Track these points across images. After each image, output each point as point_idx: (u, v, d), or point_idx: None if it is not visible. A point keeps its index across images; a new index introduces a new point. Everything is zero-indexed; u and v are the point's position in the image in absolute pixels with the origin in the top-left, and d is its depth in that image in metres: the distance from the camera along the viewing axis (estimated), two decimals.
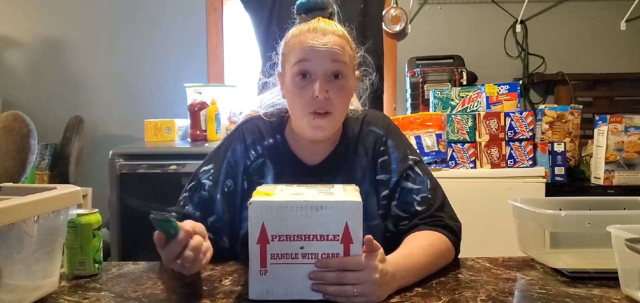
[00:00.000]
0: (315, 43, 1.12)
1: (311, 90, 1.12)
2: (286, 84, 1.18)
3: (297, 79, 1.14)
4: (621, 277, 0.94)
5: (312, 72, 1.13)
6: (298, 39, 1.15)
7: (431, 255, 1.06)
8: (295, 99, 1.15)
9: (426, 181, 1.20)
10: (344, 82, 1.15)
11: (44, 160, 2.93)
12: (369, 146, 1.24)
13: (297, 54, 1.14)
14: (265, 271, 0.91)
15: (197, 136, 2.70)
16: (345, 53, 1.15)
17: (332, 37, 1.14)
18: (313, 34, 1.14)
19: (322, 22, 1.17)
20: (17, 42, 3.20)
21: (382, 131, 1.25)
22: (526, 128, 2.38)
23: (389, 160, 1.21)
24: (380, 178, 1.21)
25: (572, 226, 1.06)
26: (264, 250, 0.90)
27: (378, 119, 1.27)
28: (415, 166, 1.21)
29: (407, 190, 1.18)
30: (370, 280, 0.90)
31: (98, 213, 1.11)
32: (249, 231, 0.90)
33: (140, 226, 2.28)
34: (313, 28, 1.15)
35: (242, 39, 3.29)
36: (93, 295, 0.98)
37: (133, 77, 3.18)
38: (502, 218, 1.42)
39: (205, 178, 1.20)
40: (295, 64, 1.14)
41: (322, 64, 1.12)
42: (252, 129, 1.25)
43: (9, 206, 0.79)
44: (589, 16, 3.15)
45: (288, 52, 1.18)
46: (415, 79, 2.86)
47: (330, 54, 1.12)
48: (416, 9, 3.16)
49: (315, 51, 1.12)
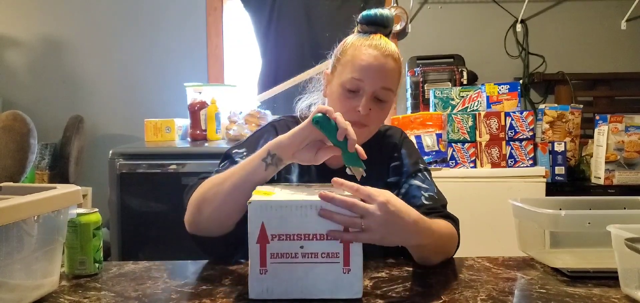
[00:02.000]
0: (373, 63, 1.18)
1: (356, 103, 1.18)
2: (332, 87, 1.24)
3: (346, 89, 1.19)
4: (621, 277, 0.94)
5: (362, 89, 1.18)
6: (358, 51, 1.20)
7: (441, 227, 1.09)
8: (338, 105, 1.19)
9: (433, 186, 1.27)
10: (386, 105, 1.23)
11: (44, 160, 2.93)
12: (386, 153, 1.31)
13: (354, 67, 1.19)
14: (265, 270, 0.91)
15: (197, 135, 2.70)
16: (395, 79, 1.22)
17: (389, 61, 1.20)
18: (373, 52, 1.19)
19: (383, 40, 1.22)
20: (17, 42, 3.20)
21: (398, 141, 1.34)
22: (526, 128, 2.38)
23: (401, 165, 1.29)
24: (391, 180, 1.28)
25: (572, 225, 1.06)
26: (263, 249, 0.91)
27: (396, 131, 1.37)
28: (425, 172, 1.29)
29: (415, 186, 1.25)
30: (378, 215, 0.91)
31: (98, 213, 1.11)
32: (249, 230, 0.91)
33: (140, 225, 2.30)
34: (375, 45, 1.20)
35: (242, 39, 3.30)
36: (93, 294, 0.98)
37: (133, 76, 3.18)
38: (502, 217, 1.43)
39: (238, 157, 1.23)
40: (349, 76, 1.19)
41: (373, 85, 1.18)
42: (283, 126, 1.30)
43: (9, 206, 0.79)
44: (590, 16, 3.15)
45: (344, 60, 1.22)
46: (415, 79, 2.86)
47: (383, 79, 1.19)
48: (416, 8, 3.16)
49: (371, 72, 1.18)
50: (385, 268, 1.12)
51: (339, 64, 1.23)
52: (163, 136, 2.72)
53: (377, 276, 1.07)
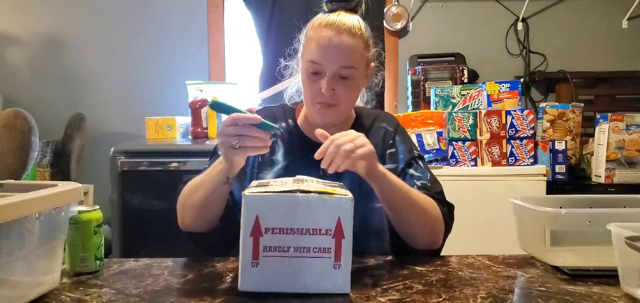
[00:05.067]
0: (327, 45, 1.19)
1: (319, 85, 1.20)
2: (301, 71, 1.27)
3: (309, 73, 1.22)
4: (621, 275, 0.94)
5: (322, 71, 1.20)
6: (316, 33, 1.21)
7: (419, 197, 1.16)
8: (306, 88, 1.25)
9: (427, 173, 1.28)
10: (351, 82, 1.22)
11: (45, 157, 2.94)
12: (379, 139, 1.31)
13: (312, 51, 1.21)
14: (257, 263, 0.92)
15: (198, 133, 2.70)
16: (356, 54, 1.22)
17: (345, 38, 1.19)
18: (328, 32, 1.20)
19: (342, 15, 1.22)
20: (18, 40, 3.20)
21: (392, 128, 1.34)
22: (527, 126, 2.38)
23: (397, 152, 1.31)
24: (388, 167, 1.27)
25: (573, 224, 1.06)
26: (257, 242, 0.91)
27: (390, 118, 1.38)
28: (419, 160, 1.31)
29: (409, 175, 1.27)
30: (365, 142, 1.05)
31: (99, 210, 1.11)
32: (242, 223, 0.91)
33: (141, 223, 2.30)
34: (331, 24, 1.20)
35: (243, 37, 3.29)
36: (94, 291, 0.98)
37: (134, 74, 3.19)
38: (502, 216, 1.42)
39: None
40: (308, 60, 1.22)
41: (331, 66, 1.19)
42: (267, 113, 1.34)
43: (10, 203, 0.80)
44: (591, 14, 3.15)
45: (306, 43, 1.25)
46: (416, 77, 2.86)
47: (340, 58, 1.19)
48: (417, 6, 3.16)
49: (326, 53, 1.19)
50: (385, 266, 1.12)
51: (304, 48, 1.26)
52: (164, 134, 2.72)
53: (378, 273, 1.07)
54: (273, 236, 0.91)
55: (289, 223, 0.91)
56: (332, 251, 0.92)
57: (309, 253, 0.92)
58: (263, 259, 0.92)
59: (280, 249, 0.92)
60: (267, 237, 0.91)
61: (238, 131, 1.01)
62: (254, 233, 0.91)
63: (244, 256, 0.92)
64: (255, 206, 0.91)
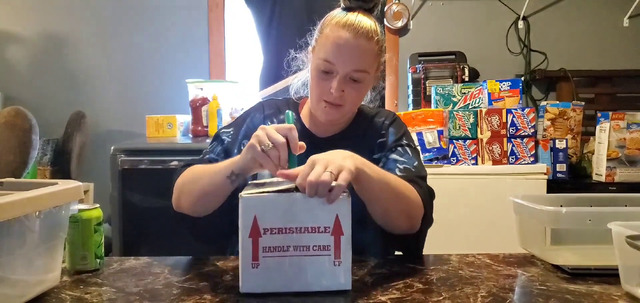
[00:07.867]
0: (344, 46, 1.17)
1: (329, 84, 1.19)
2: (312, 65, 1.24)
3: (320, 71, 1.20)
4: (622, 274, 0.94)
5: (334, 71, 1.19)
6: (333, 32, 1.19)
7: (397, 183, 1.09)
8: (314, 85, 1.23)
9: (413, 160, 1.24)
10: (361, 85, 1.22)
11: (45, 156, 2.93)
12: (375, 131, 1.31)
13: (327, 50, 1.19)
14: (257, 264, 0.92)
15: (199, 131, 2.70)
16: (370, 59, 1.20)
17: (362, 42, 1.18)
18: (346, 33, 1.18)
19: (360, 17, 1.20)
20: (18, 38, 3.20)
21: (388, 121, 1.32)
22: (528, 125, 2.38)
23: (386, 142, 1.28)
24: (376, 157, 1.27)
25: (573, 222, 1.06)
26: (256, 243, 0.91)
27: (389, 113, 1.36)
28: (407, 148, 1.27)
29: (392, 160, 1.24)
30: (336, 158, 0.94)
31: (99, 209, 1.11)
32: (241, 225, 0.91)
33: (142, 221, 2.30)
34: (349, 24, 1.18)
35: (243, 35, 3.29)
36: (94, 290, 0.98)
37: (134, 72, 3.18)
38: (503, 214, 1.42)
39: (225, 136, 1.32)
40: (321, 58, 1.20)
41: (344, 68, 1.18)
42: (271, 104, 1.36)
43: (11, 201, 0.80)
44: (592, 12, 3.14)
45: (321, 40, 1.22)
46: (417, 75, 2.86)
47: (355, 61, 1.18)
48: (418, 5, 3.15)
49: (343, 55, 1.17)
50: (386, 265, 1.12)
51: (317, 42, 1.24)
52: (164, 132, 2.72)
53: (378, 272, 1.07)
54: (272, 236, 0.91)
55: (287, 222, 0.91)
56: (332, 248, 0.92)
57: (308, 252, 0.92)
58: (263, 260, 0.92)
59: (279, 249, 0.92)
60: (266, 238, 0.91)
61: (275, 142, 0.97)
62: (252, 234, 0.91)
63: (244, 258, 0.92)
64: (253, 207, 0.91)
